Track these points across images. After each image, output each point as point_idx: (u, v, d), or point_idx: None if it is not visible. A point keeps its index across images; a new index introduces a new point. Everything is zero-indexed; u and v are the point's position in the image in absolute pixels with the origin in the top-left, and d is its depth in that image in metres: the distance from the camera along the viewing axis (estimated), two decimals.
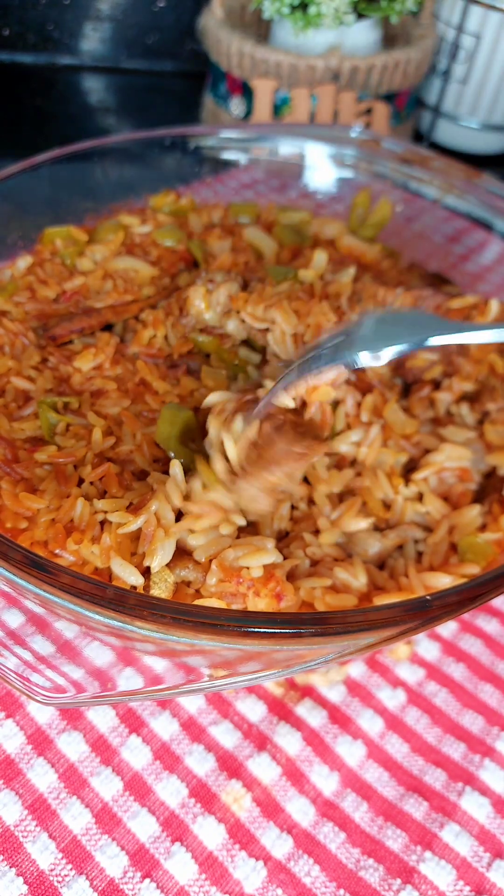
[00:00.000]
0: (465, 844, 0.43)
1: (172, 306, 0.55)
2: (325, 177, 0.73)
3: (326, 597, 0.41)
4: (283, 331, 0.49)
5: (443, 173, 0.68)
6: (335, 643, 0.35)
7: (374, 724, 0.48)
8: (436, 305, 0.55)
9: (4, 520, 0.42)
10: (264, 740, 0.47)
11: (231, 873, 0.42)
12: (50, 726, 0.46)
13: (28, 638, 0.48)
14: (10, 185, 0.61)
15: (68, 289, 0.57)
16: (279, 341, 0.50)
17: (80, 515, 0.41)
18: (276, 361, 0.51)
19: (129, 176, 0.70)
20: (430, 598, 0.36)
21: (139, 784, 0.45)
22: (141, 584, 0.40)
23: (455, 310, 0.55)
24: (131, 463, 0.45)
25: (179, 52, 1.23)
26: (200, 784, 0.45)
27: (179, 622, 0.33)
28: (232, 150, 0.73)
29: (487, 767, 0.47)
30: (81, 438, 0.46)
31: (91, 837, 0.42)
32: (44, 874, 0.41)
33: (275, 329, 0.50)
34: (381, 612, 0.35)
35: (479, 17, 0.97)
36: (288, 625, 0.34)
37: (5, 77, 1.17)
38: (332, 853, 0.43)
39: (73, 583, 0.34)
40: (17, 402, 0.49)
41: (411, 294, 0.56)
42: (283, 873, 0.42)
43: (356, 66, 0.89)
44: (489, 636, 0.53)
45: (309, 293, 0.51)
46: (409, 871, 0.42)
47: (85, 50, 1.21)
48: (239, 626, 0.33)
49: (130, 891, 0.41)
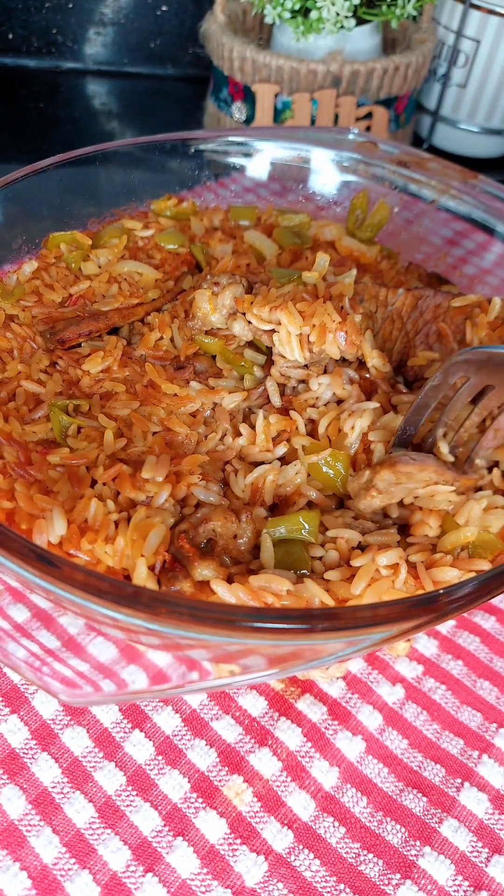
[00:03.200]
0: (464, 839, 0.44)
1: (178, 309, 0.56)
2: (324, 180, 0.74)
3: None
4: (288, 332, 0.50)
5: (439, 175, 0.68)
6: (345, 638, 0.36)
7: (373, 719, 0.49)
8: (436, 305, 0.56)
9: (20, 521, 0.42)
10: (265, 735, 0.47)
11: (232, 867, 0.42)
12: (54, 721, 0.47)
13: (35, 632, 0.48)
14: (15, 189, 0.62)
15: (74, 293, 0.58)
16: (285, 342, 0.50)
17: (94, 516, 0.42)
18: (281, 362, 0.52)
19: (131, 180, 0.71)
20: (441, 593, 0.37)
21: (142, 778, 0.45)
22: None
23: (457, 308, 0.55)
24: (142, 463, 0.46)
25: (182, 56, 1.24)
26: (202, 778, 0.45)
27: (197, 618, 0.34)
28: (233, 154, 0.74)
29: (485, 763, 0.47)
30: (93, 440, 0.47)
31: (94, 831, 0.43)
32: (47, 868, 0.41)
33: (280, 330, 0.50)
34: (390, 608, 0.36)
35: (479, 22, 0.98)
36: (300, 620, 0.35)
37: (9, 81, 1.18)
38: (332, 847, 0.43)
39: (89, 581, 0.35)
40: (27, 406, 0.50)
41: (412, 294, 0.56)
42: (284, 867, 0.42)
43: (356, 70, 0.90)
44: (487, 633, 0.54)
45: (313, 294, 0.52)
46: (409, 866, 0.43)
47: (88, 54, 1.22)
48: (252, 621, 0.34)
49: (133, 884, 0.41)
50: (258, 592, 0.39)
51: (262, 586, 0.40)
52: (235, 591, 0.39)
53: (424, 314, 0.56)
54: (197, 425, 0.50)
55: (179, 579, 0.41)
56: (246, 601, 0.39)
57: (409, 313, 0.56)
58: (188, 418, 0.50)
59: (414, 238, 0.73)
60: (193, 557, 0.41)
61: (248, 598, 0.39)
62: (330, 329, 0.50)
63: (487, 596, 0.38)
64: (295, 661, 0.39)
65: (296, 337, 0.50)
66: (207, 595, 0.40)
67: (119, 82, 1.23)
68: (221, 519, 0.43)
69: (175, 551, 0.42)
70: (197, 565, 0.41)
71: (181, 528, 0.43)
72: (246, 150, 0.74)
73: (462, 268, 0.73)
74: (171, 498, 0.44)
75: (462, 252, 0.76)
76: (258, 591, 0.39)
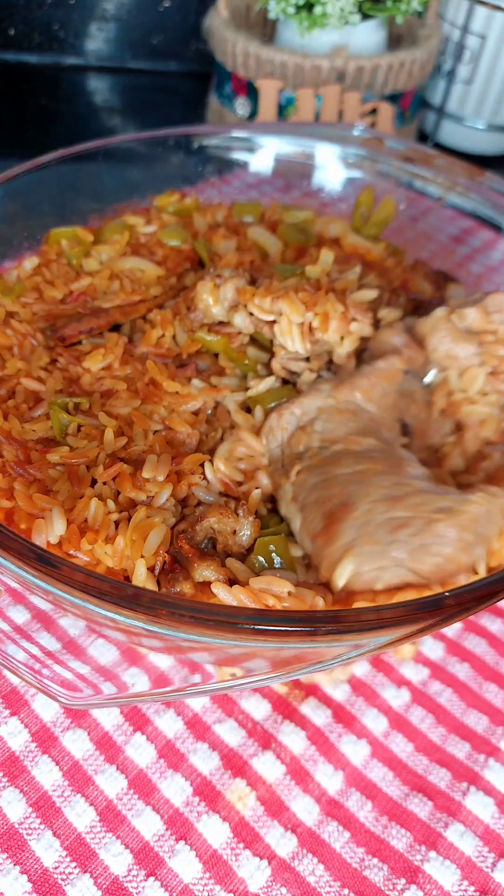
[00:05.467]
0: (470, 844, 0.43)
1: (180, 306, 0.55)
2: (328, 176, 0.74)
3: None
4: (290, 321, 0.49)
5: (446, 171, 0.68)
6: (349, 641, 0.35)
7: (378, 723, 0.48)
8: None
9: (19, 521, 0.42)
10: (269, 739, 0.47)
11: (235, 872, 0.42)
12: (55, 724, 0.46)
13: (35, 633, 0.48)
14: (16, 185, 0.61)
15: (75, 289, 0.57)
16: (286, 332, 0.50)
17: (94, 516, 0.41)
18: (282, 353, 0.51)
19: (133, 176, 0.71)
20: (446, 596, 0.36)
21: (143, 782, 0.45)
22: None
23: None
24: (143, 463, 0.45)
25: (184, 52, 1.23)
26: (205, 782, 0.45)
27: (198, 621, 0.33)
28: (236, 150, 0.73)
29: (492, 767, 0.47)
30: (93, 439, 0.46)
31: (95, 835, 0.42)
32: (48, 872, 0.41)
33: (282, 320, 0.50)
34: (395, 610, 0.35)
35: (485, 18, 0.97)
36: (303, 622, 0.34)
37: (11, 77, 1.18)
38: (336, 852, 0.43)
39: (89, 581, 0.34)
40: (27, 404, 0.49)
41: (411, 302, 0.56)
42: (288, 872, 0.42)
43: (361, 66, 0.89)
44: (493, 636, 0.53)
45: (315, 288, 0.51)
46: (414, 871, 0.42)
47: (90, 50, 1.22)
48: (255, 623, 0.33)
49: (134, 889, 0.41)
50: (259, 594, 0.39)
51: (263, 588, 0.39)
52: (236, 593, 0.39)
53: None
54: (199, 424, 0.49)
55: (180, 581, 0.40)
56: (246, 603, 0.38)
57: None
58: (190, 417, 0.49)
59: (420, 235, 0.72)
60: (193, 558, 0.41)
61: (248, 601, 0.39)
62: (333, 316, 0.49)
63: (494, 598, 0.37)
64: (298, 664, 0.38)
65: (297, 326, 0.49)
66: (208, 596, 0.40)
67: (121, 78, 1.23)
68: (217, 515, 0.42)
69: (175, 552, 0.41)
70: (197, 566, 0.40)
71: (180, 529, 0.42)
72: (250, 145, 0.73)
73: (468, 265, 0.73)
74: (172, 498, 0.44)
75: (468, 250, 0.75)
76: (258, 593, 0.39)
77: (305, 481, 0.42)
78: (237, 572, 0.41)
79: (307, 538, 0.41)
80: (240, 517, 0.42)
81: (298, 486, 0.43)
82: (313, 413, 0.46)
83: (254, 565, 0.41)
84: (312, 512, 0.40)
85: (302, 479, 0.43)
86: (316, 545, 0.40)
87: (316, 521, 0.40)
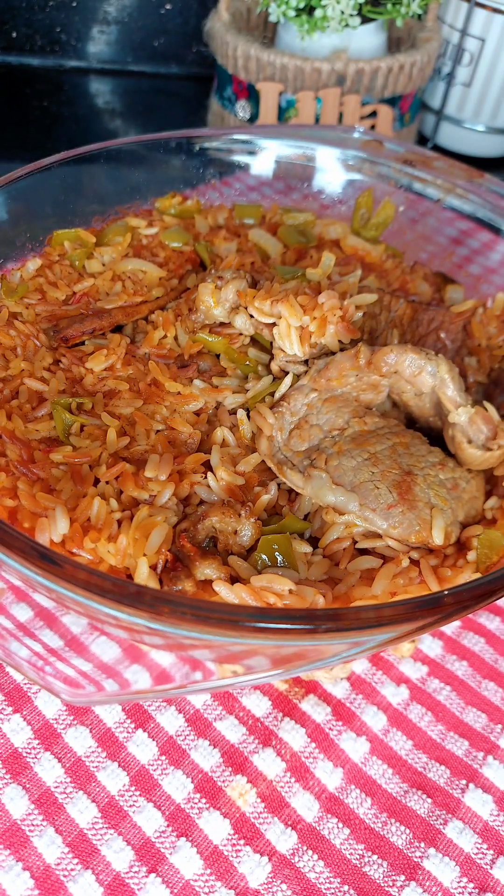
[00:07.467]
0: (469, 841, 0.44)
1: (182, 307, 0.56)
2: (328, 178, 0.74)
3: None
4: (288, 324, 0.50)
5: (445, 173, 0.68)
6: (348, 639, 0.35)
7: (377, 720, 0.49)
8: (429, 319, 0.56)
9: (22, 519, 0.42)
10: (269, 735, 0.47)
11: (236, 868, 0.42)
12: (57, 721, 0.47)
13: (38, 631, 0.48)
14: (19, 187, 0.61)
15: (78, 290, 0.58)
16: (285, 335, 0.50)
17: (97, 514, 0.42)
18: (281, 356, 0.51)
19: (135, 178, 0.71)
20: (445, 594, 0.36)
21: (145, 779, 0.45)
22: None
23: (455, 315, 0.55)
24: (145, 462, 0.46)
25: (186, 55, 1.24)
26: (206, 779, 0.45)
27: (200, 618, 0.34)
28: (237, 153, 0.74)
29: (490, 764, 0.47)
30: (96, 439, 0.46)
31: (97, 832, 0.43)
32: (50, 868, 0.41)
33: (280, 323, 0.50)
34: (394, 609, 0.35)
35: (484, 21, 0.98)
36: (304, 620, 0.34)
37: (13, 79, 1.18)
38: (336, 848, 0.43)
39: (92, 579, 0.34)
40: (31, 404, 0.50)
41: (412, 306, 0.56)
42: (288, 868, 0.42)
43: (361, 69, 0.89)
44: (492, 634, 0.54)
45: (316, 291, 0.52)
46: (413, 868, 0.43)
47: (92, 53, 1.22)
48: (256, 621, 0.34)
49: (136, 885, 0.41)
50: (260, 592, 0.39)
51: (264, 586, 0.40)
52: (237, 591, 0.39)
53: (420, 327, 0.56)
54: (200, 424, 0.49)
55: (181, 579, 0.40)
56: (248, 601, 0.39)
57: (409, 323, 0.56)
58: (191, 417, 0.50)
59: (419, 237, 0.72)
60: (195, 557, 0.41)
61: (250, 598, 0.39)
62: (331, 321, 0.49)
63: (492, 597, 0.38)
64: (299, 661, 0.39)
65: (295, 330, 0.50)
66: (210, 594, 0.40)
67: (123, 81, 1.23)
68: (219, 514, 0.43)
69: (176, 550, 0.42)
70: (198, 564, 0.41)
71: (181, 527, 0.43)
72: (250, 148, 0.73)
73: (467, 267, 0.73)
74: (174, 497, 0.44)
75: (467, 251, 0.76)
76: (260, 592, 0.39)
77: (342, 465, 0.45)
78: (239, 569, 0.41)
79: (379, 510, 0.43)
80: (241, 517, 0.43)
81: (337, 470, 0.45)
82: (303, 410, 0.48)
83: (256, 563, 0.42)
84: (377, 487, 0.44)
85: (336, 464, 0.45)
86: (394, 513, 0.43)
87: (385, 493, 0.44)
